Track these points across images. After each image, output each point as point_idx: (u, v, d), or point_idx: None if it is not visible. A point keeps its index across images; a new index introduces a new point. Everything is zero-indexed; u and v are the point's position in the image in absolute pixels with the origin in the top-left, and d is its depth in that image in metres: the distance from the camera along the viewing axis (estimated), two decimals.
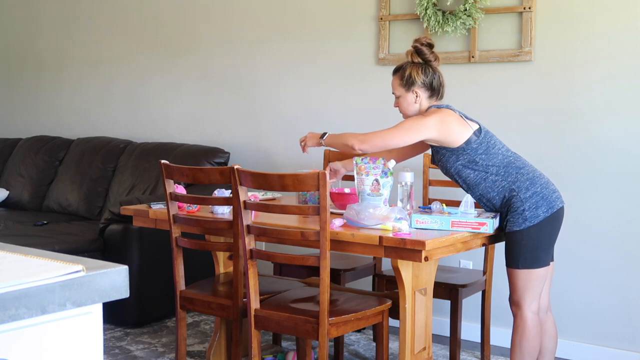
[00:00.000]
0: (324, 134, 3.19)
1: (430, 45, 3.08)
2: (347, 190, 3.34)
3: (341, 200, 3.24)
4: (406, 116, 3.13)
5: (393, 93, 3.13)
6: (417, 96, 3.05)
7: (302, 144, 3.28)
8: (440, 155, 3.07)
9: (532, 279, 2.93)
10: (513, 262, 2.94)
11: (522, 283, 2.93)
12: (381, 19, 4.22)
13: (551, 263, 3.01)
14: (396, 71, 3.11)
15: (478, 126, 3.02)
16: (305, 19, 4.53)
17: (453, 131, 2.96)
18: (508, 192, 2.94)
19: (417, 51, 3.06)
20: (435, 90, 3.06)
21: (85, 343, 1.33)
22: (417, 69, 3.05)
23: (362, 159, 3.22)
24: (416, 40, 3.09)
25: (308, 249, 3.21)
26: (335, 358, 3.64)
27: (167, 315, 4.29)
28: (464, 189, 3.08)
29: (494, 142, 3.01)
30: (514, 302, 2.97)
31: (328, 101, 4.47)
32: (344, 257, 3.85)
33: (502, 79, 3.92)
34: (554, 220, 2.95)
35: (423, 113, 3.05)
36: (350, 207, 2.93)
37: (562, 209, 2.98)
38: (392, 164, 3.15)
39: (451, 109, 3.03)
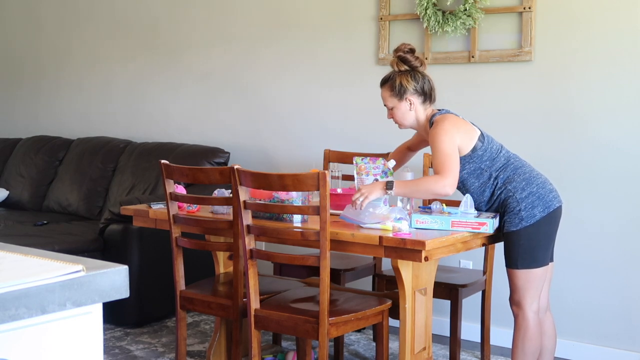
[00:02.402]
0: (389, 182, 2.90)
1: (413, 51, 3.04)
2: (339, 191, 3.32)
3: (336, 200, 3.22)
4: (403, 126, 3.09)
5: (385, 105, 3.08)
6: (411, 104, 3.01)
7: (361, 199, 2.88)
8: None
9: (532, 278, 2.93)
10: (512, 262, 2.94)
11: (522, 283, 2.93)
12: (381, 19, 4.22)
13: (550, 263, 3.01)
14: (384, 82, 3.06)
15: (479, 131, 3.00)
16: (305, 19, 4.53)
17: (466, 135, 2.93)
18: (504, 193, 2.94)
19: (401, 59, 3.02)
20: (427, 94, 3.02)
21: (85, 343, 1.33)
22: (406, 76, 3.00)
23: (362, 159, 3.22)
24: (397, 50, 3.04)
25: (308, 249, 3.21)
26: (335, 358, 3.64)
27: (167, 315, 4.29)
28: (463, 193, 3.05)
29: (495, 146, 2.99)
30: (515, 303, 2.97)
31: (328, 101, 4.47)
32: (344, 257, 3.84)
33: (502, 79, 3.91)
34: (551, 219, 2.94)
35: (434, 126, 2.94)
36: (349, 206, 2.93)
37: (559, 208, 2.97)
38: (391, 163, 3.15)
39: (453, 114, 2.99)
